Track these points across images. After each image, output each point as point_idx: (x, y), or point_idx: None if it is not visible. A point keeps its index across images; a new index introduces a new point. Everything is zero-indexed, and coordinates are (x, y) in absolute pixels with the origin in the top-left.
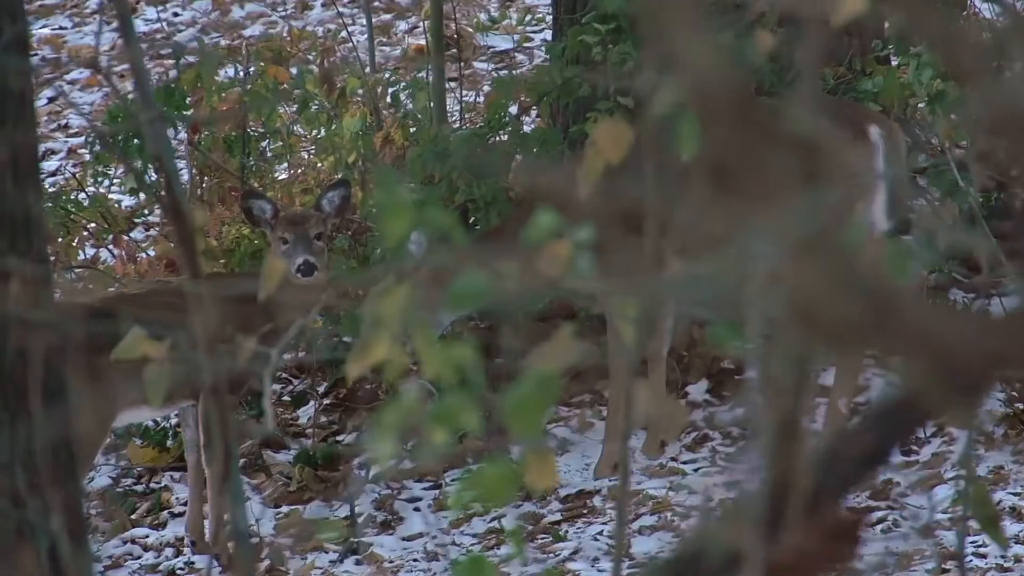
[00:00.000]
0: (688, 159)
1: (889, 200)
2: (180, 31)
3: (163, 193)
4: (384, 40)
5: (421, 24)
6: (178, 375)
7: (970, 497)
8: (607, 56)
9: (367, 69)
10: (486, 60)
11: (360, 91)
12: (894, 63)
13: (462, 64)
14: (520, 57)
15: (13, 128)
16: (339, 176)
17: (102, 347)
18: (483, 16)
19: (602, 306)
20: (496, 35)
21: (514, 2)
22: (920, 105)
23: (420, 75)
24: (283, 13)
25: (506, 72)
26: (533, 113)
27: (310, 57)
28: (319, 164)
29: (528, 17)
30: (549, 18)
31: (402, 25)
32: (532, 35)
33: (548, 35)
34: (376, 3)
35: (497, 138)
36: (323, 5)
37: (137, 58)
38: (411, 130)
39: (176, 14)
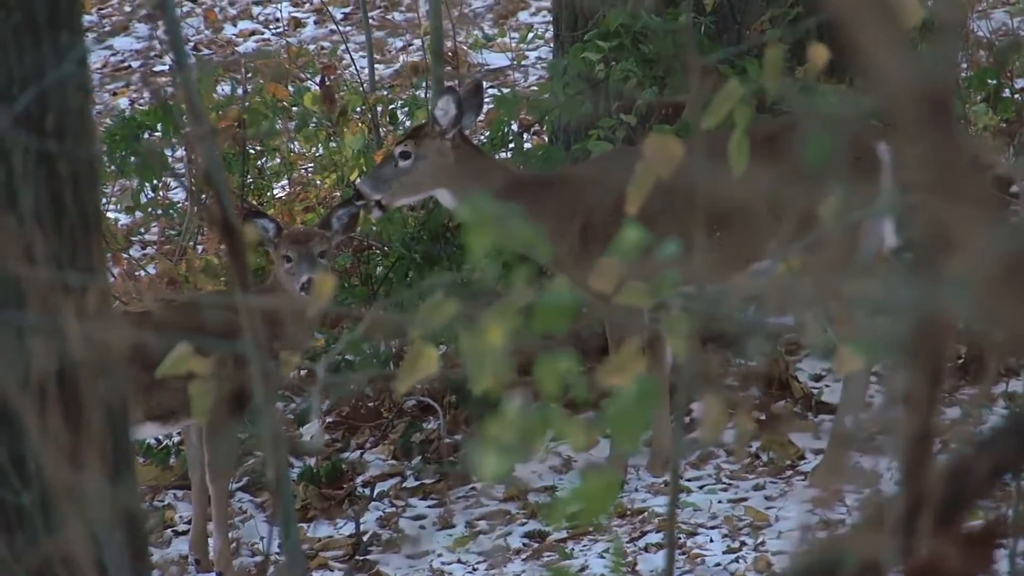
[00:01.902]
0: (739, 173)
1: (898, 217)
2: None
3: (213, 207)
4: (379, 58)
5: (415, 42)
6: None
7: (1020, 513)
8: (609, 74)
9: (363, 86)
10: (481, 78)
11: (360, 108)
12: None
13: (458, 82)
14: (516, 75)
15: (74, 143)
16: (341, 193)
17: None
18: (478, 33)
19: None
20: (490, 52)
21: (507, 20)
22: None
23: (418, 93)
24: (276, 31)
25: (508, 90)
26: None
27: (305, 75)
28: (318, 182)
29: (531, 35)
30: (548, 34)
31: (396, 43)
32: (527, 52)
33: (543, 53)
34: (371, 21)
35: (499, 155)
36: (316, 23)
37: (188, 75)
38: None
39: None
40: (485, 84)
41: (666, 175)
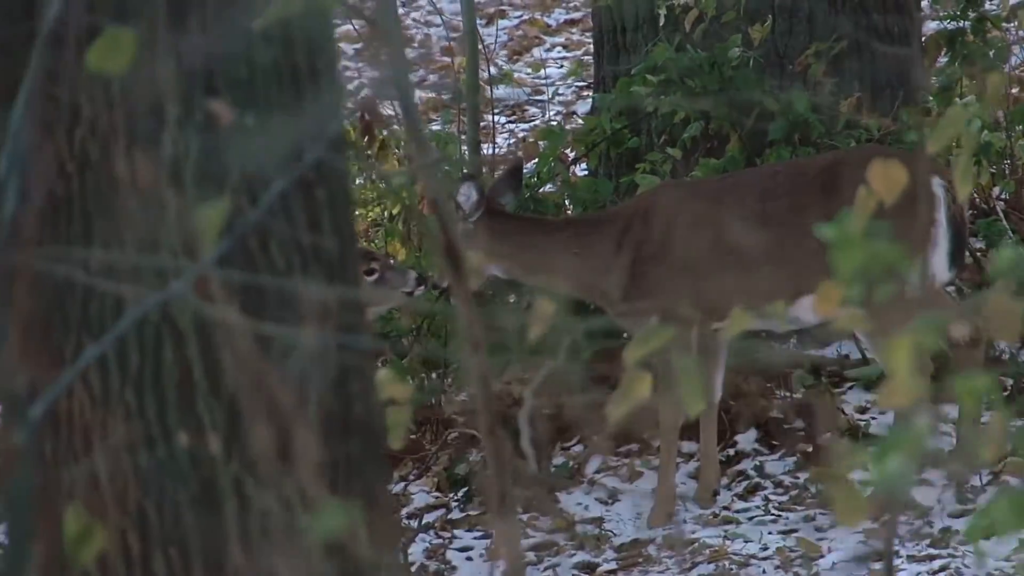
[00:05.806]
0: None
1: (951, 251)
2: None
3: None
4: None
5: (429, 77)
6: None
7: None
8: (657, 107)
9: (398, 120)
10: (499, 112)
11: (401, 143)
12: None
13: (489, 115)
14: (533, 110)
15: (330, 170)
16: (383, 224)
17: None
18: (499, 67)
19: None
20: (511, 87)
21: (522, 56)
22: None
23: (448, 127)
24: None
25: (555, 123)
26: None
27: None
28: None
29: (580, 65)
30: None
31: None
32: (546, 88)
33: (562, 89)
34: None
35: (545, 188)
36: None
37: (411, 106)
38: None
39: None
40: (508, 119)
41: (889, 201)
